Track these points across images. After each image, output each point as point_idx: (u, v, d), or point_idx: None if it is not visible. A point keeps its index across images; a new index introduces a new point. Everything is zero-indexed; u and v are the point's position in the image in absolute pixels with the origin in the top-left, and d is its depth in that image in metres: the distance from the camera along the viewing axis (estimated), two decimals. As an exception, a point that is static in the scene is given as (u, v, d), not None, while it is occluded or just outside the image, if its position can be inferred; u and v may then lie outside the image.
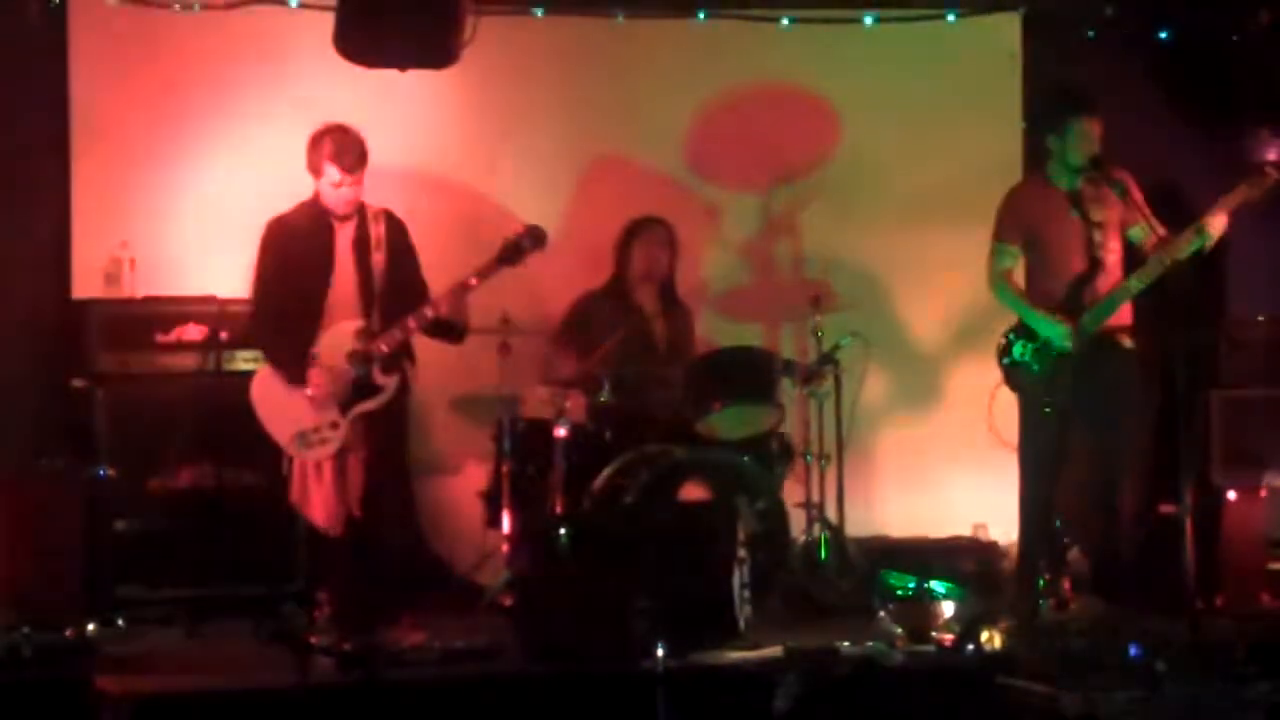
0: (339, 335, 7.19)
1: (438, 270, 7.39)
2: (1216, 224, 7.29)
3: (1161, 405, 8.03)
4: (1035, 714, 6.00)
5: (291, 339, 7.21)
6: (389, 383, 7.22)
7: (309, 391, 7.14)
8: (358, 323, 7.21)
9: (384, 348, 7.15)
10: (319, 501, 7.20)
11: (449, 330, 7.35)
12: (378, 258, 7.25)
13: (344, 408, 7.17)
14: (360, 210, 7.30)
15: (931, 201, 8.93)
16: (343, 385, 7.15)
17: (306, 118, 7.40)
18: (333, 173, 7.19)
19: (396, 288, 7.27)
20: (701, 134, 8.94)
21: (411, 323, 7.17)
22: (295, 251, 7.25)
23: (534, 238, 7.29)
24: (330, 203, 7.24)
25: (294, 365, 7.18)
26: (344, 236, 7.27)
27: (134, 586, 7.64)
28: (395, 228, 7.36)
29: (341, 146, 7.19)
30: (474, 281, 7.19)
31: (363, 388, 7.19)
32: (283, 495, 7.26)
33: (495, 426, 7.97)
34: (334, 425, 7.17)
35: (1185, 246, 7.29)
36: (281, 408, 7.19)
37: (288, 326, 7.22)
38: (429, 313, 7.17)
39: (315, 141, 7.24)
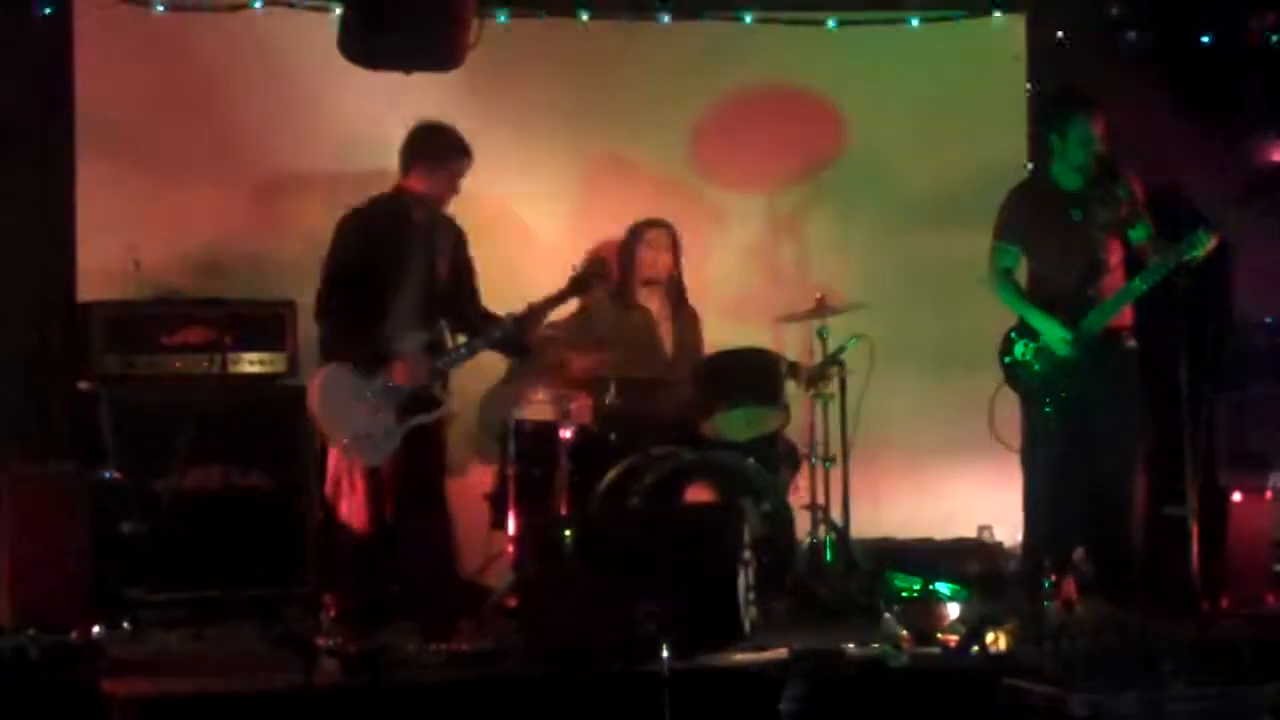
0: (411, 344, 7.22)
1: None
2: (1212, 240, 7.28)
3: (1166, 405, 8.02)
4: (1041, 715, 5.98)
5: (365, 334, 7.18)
6: (446, 399, 7.25)
7: (392, 379, 7.11)
8: (425, 334, 7.24)
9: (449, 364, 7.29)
10: (352, 506, 7.18)
11: (518, 347, 7.50)
12: (441, 264, 7.28)
13: (400, 417, 7.16)
14: (433, 216, 7.34)
15: (936, 203, 8.94)
16: (424, 375, 7.16)
17: (311, 120, 7.40)
18: (459, 184, 7.31)
19: (452, 297, 7.31)
20: (706, 136, 8.94)
21: (480, 341, 7.29)
22: (373, 244, 7.24)
23: (600, 273, 7.58)
24: (435, 201, 7.32)
25: (367, 358, 7.15)
26: (417, 239, 7.29)
27: (140, 589, 7.62)
28: (459, 237, 7.43)
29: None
30: (549, 305, 7.40)
31: (422, 400, 7.20)
32: (289, 497, 7.26)
33: (501, 428, 7.98)
34: (388, 433, 7.15)
35: (1185, 251, 7.27)
36: (343, 408, 7.14)
37: (359, 321, 7.18)
38: (501, 330, 7.31)
39: (459, 151, 7.34)
